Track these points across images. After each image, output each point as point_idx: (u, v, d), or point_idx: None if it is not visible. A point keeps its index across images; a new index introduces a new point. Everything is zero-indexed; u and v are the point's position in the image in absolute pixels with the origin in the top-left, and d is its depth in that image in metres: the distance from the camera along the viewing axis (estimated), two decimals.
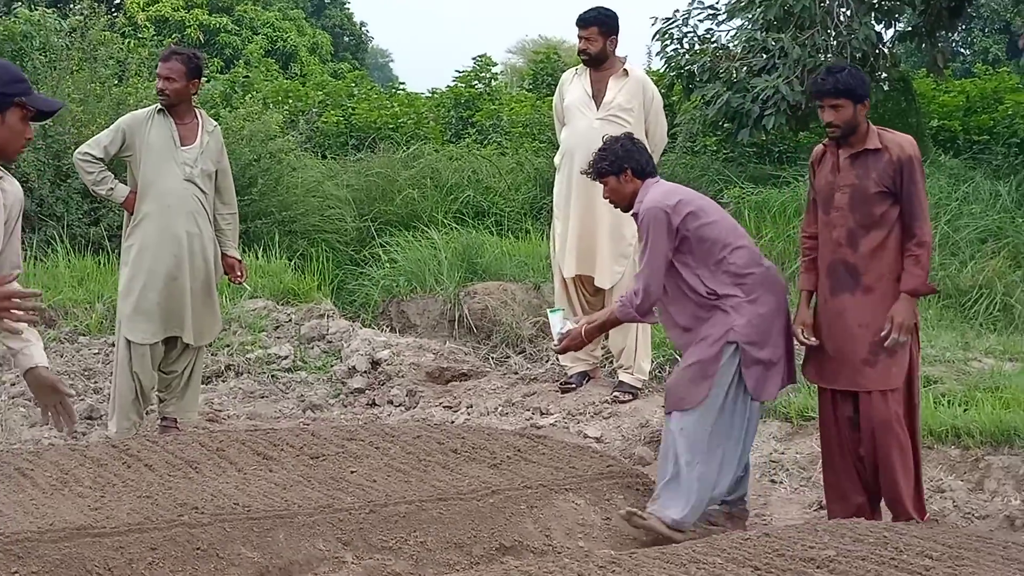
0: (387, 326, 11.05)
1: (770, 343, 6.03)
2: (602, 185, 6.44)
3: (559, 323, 6.49)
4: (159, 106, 7.60)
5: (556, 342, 6.54)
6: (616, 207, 6.55)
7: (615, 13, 8.60)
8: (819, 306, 6.22)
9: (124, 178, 7.76)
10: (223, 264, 7.91)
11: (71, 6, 15.32)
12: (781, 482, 7.31)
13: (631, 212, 6.29)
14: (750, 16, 14.26)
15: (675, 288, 6.11)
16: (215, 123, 7.94)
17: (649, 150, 8.57)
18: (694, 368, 6.02)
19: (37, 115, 4.12)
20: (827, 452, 6.30)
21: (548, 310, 6.63)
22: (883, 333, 5.90)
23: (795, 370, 6.28)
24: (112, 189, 7.58)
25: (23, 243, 4.12)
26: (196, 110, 7.73)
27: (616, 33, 8.59)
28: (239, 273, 8.02)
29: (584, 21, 8.57)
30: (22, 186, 11.12)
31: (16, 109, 4.01)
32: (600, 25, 8.52)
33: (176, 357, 7.78)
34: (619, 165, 6.24)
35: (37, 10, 14.15)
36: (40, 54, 13.08)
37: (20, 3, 16.78)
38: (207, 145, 7.65)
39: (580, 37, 8.61)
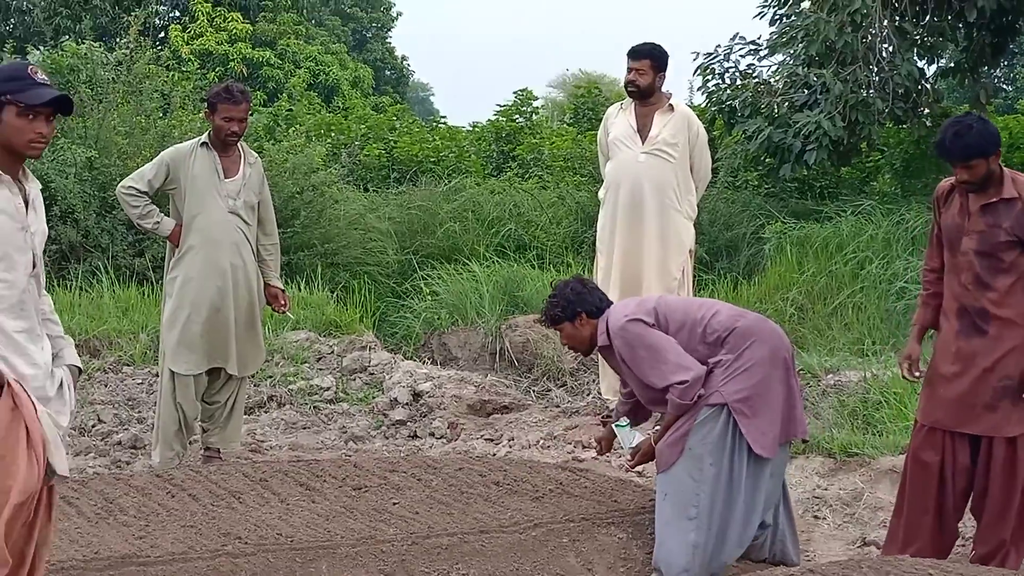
0: (428, 358, 11.08)
1: (765, 395, 5.80)
2: (558, 332, 6.30)
3: (628, 437, 6.37)
4: (203, 139, 7.64)
5: (629, 457, 6.39)
6: (576, 351, 6.47)
7: (666, 50, 8.61)
8: (942, 346, 6.04)
9: (167, 210, 7.79)
10: (267, 294, 7.95)
11: (117, 40, 15.47)
12: (824, 518, 7.25)
13: (601, 347, 6.10)
14: (792, 51, 14.27)
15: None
16: (256, 155, 7.99)
17: (694, 185, 8.66)
18: (673, 433, 5.86)
19: (57, 109, 4.18)
20: (916, 492, 6.12)
21: (615, 425, 6.52)
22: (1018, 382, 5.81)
23: (803, 419, 6.05)
24: (158, 223, 7.61)
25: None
26: (238, 142, 7.79)
27: (665, 69, 8.61)
28: (283, 302, 8.05)
29: (638, 53, 8.56)
30: (68, 217, 11.32)
31: (10, 106, 4.08)
32: (653, 59, 8.53)
33: (220, 388, 7.82)
34: (572, 310, 6.08)
35: (84, 43, 14.28)
36: (86, 87, 13.19)
37: (67, 37, 16.96)
38: (249, 177, 7.70)
39: (631, 68, 8.58)
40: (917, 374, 6.19)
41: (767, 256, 12.87)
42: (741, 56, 14.94)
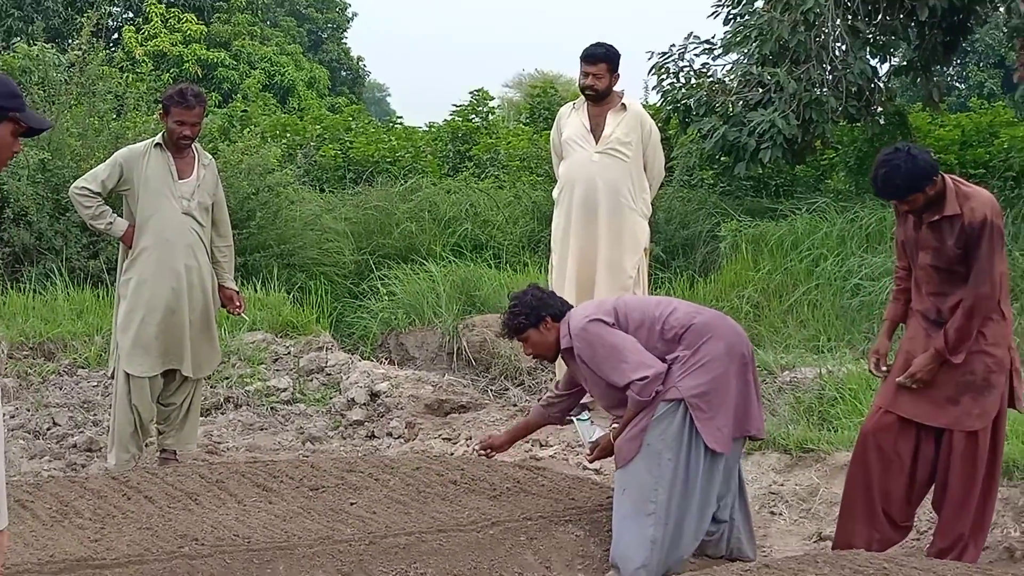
0: (386, 358, 11.06)
1: (721, 390, 5.86)
2: (521, 343, 6.29)
3: (588, 431, 6.39)
4: (156, 140, 7.59)
5: (588, 451, 6.39)
6: (542, 360, 6.55)
7: (618, 50, 8.62)
8: (910, 336, 6.11)
9: (120, 212, 7.75)
10: (221, 296, 7.93)
11: (70, 41, 15.37)
12: (780, 514, 7.30)
13: (563, 350, 6.10)
14: (746, 51, 14.34)
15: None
16: (210, 156, 7.95)
17: (648, 184, 8.68)
18: (631, 429, 5.89)
19: (27, 132, 4.17)
20: (864, 475, 6.18)
21: (576, 419, 6.52)
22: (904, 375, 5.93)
23: (759, 416, 6.10)
24: (111, 223, 7.57)
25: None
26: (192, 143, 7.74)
27: (618, 70, 8.62)
28: (238, 304, 8.04)
29: (594, 57, 8.53)
30: (21, 220, 11.22)
31: (9, 123, 4.06)
32: (609, 61, 8.52)
33: (175, 389, 7.78)
34: (536, 315, 6.10)
35: (36, 45, 14.20)
36: (39, 89, 13.10)
37: (19, 38, 16.85)
38: (204, 178, 7.67)
39: (587, 73, 8.55)
40: (884, 368, 6.24)
41: (723, 254, 12.92)
42: (695, 55, 15.01)
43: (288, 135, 18.30)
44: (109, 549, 5.51)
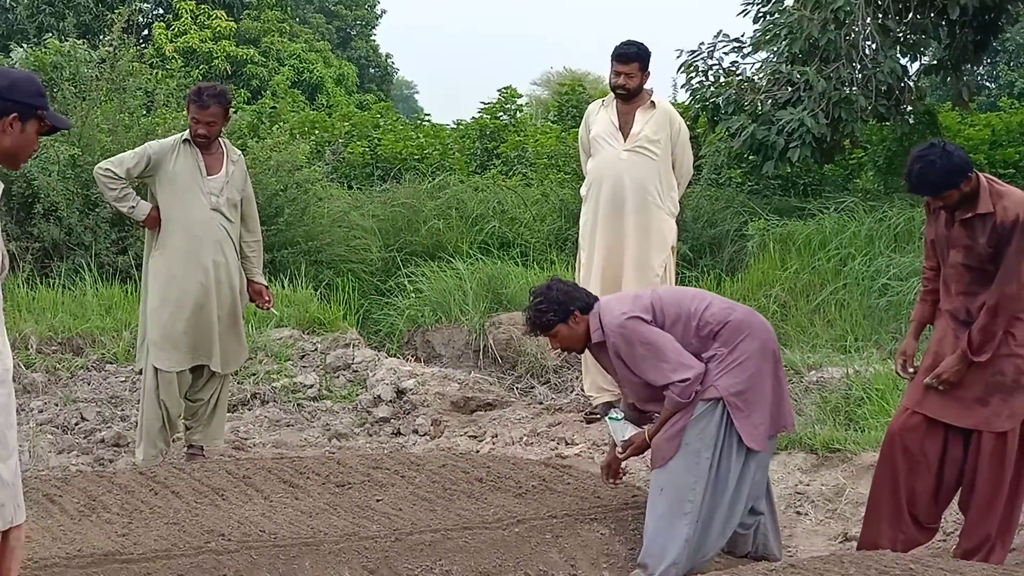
0: (412, 356, 11.09)
1: (757, 388, 5.87)
2: (549, 339, 6.17)
3: (621, 430, 6.29)
4: (185, 136, 7.63)
5: (620, 449, 6.26)
6: (569, 352, 6.45)
7: (649, 49, 8.57)
8: (939, 337, 6.08)
9: (144, 196, 7.78)
10: (250, 291, 7.95)
11: (100, 37, 15.43)
12: (806, 514, 7.28)
13: (594, 344, 6.02)
14: (775, 49, 14.29)
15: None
16: (239, 152, 7.97)
17: (676, 182, 8.66)
18: (669, 429, 5.87)
19: (49, 130, 4.23)
20: (890, 476, 6.16)
21: (608, 418, 6.44)
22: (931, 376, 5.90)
23: (790, 411, 6.14)
24: (134, 207, 7.59)
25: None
26: (220, 140, 7.76)
27: (649, 68, 8.58)
28: (267, 299, 8.06)
29: (626, 57, 8.45)
30: (51, 215, 11.30)
31: (35, 121, 4.11)
32: (641, 61, 8.47)
33: (203, 385, 7.81)
34: (565, 310, 5.96)
35: (67, 41, 14.25)
36: (70, 84, 13.16)
37: (51, 34, 16.92)
38: (232, 174, 7.69)
39: (619, 72, 8.47)
40: (911, 370, 6.22)
41: (750, 253, 12.89)
42: (725, 53, 14.97)
43: (316, 132, 18.35)
44: (136, 544, 5.54)
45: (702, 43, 14.99)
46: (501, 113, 20.44)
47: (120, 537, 5.63)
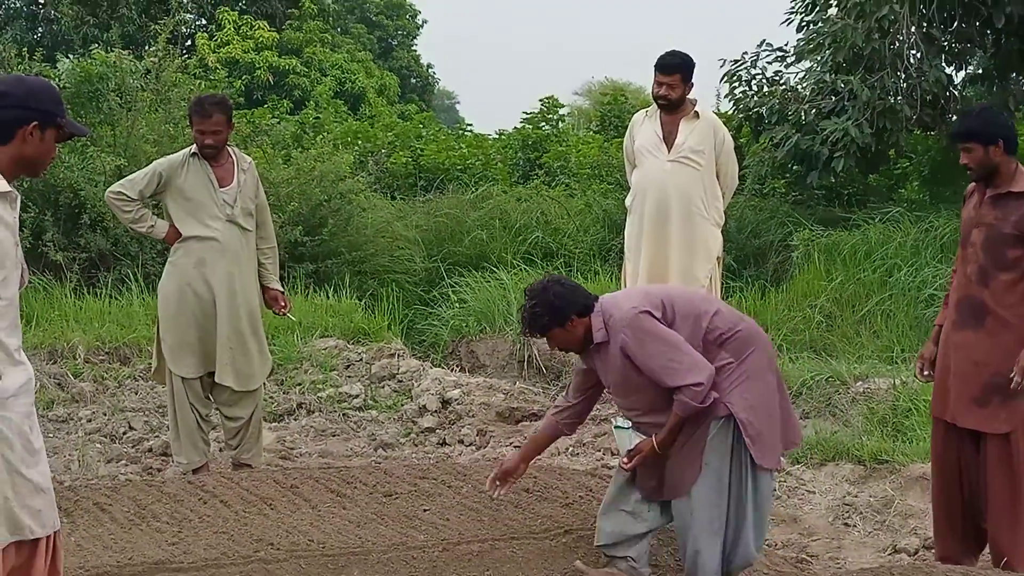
0: (457, 366, 11.11)
1: (768, 404, 5.61)
2: (547, 340, 5.85)
3: (627, 439, 6.12)
4: (193, 149, 7.55)
5: (625, 459, 5.93)
6: (568, 351, 6.01)
7: (693, 59, 8.53)
8: (941, 341, 6.16)
9: (158, 214, 7.80)
10: (267, 297, 7.90)
11: (145, 48, 15.55)
12: (855, 525, 7.25)
13: (595, 344, 5.66)
14: (819, 58, 14.26)
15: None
16: (249, 159, 7.89)
17: (721, 192, 8.64)
18: (683, 453, 5.61)
19: (66, 137, 4.27)
20: (934, 486, 6.26)
21: (615, 426, 6.25)
22: (1011, 375, 5.79)
23: (797, 428, 5.92)
24: (152, 227, 7.58)
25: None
26: (229, 149, 7.68)
27: (692, 78, 8.55)
28: (283, 304, 7.99)
29: (669, 67, 8.37)
30: (98, 226, 11.39)
31: (53, 129, 4.14)
32: (684, 72, 8.42)
33: (236, 403, 7.71)
34: (561, 315, 5.59)
35: (113, 52, 14.36)
36: (115, 95, 13.26)
37: (96, 45, 17.04)
38: (244, 183, 7.62)
39: (661, 83, 8.41)
40: (927, 373, 6.28)
41: (795, 264, 12.86)
42: (768, 63, 14.94)
43: (359, 142, 18.40)
44: (186, 552, 5.58)
45: (745, 52, 14.98)
46: (543, 123, 20.41)
47: (170, 546, 5.67)
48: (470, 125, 23.68)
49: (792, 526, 7.27)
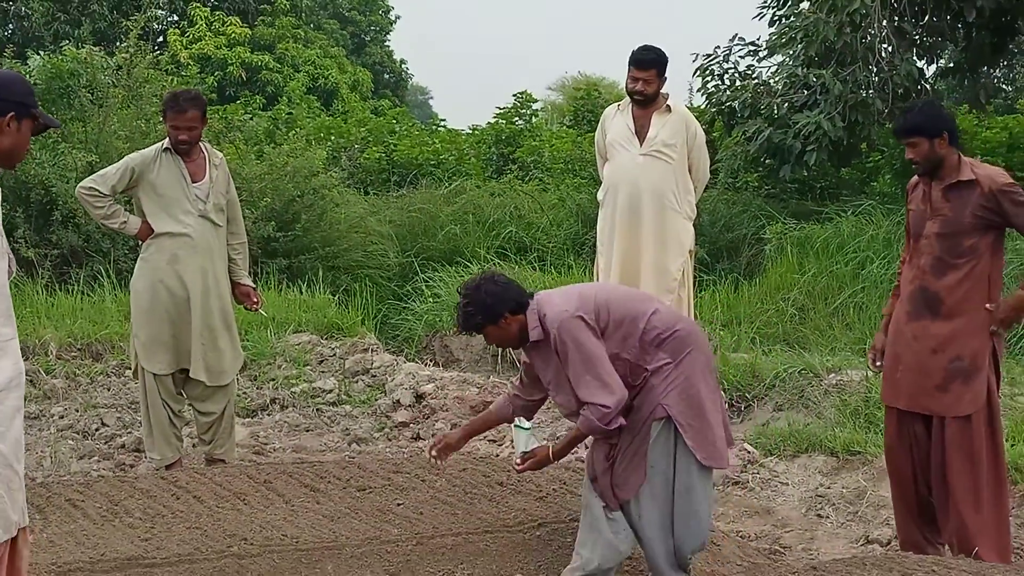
0: (431, 360, 11.10)
1: (705, 403, 5.45)
2: (483, 336, 5.74)
3: (524, 441, 5.85)
4: (165, 144, 7.51)
5: (519, 460, 5.85)
6: (504, 347, 6.04)
7: (666, 54, 8.54)
8: (893, 331, 6.25)
9: (130, 209, 7.76)
10: (238, 293, 7.87)
11: (116, 44, 15.50)
12: (827, 516, 7.28)
13: (531, 343, 5.60)
14: (791, 52, 14.31)
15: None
16: (220, 155, 7.86)
17: (693, 186, 8.64)
18: (627, 455, 5.49)
19: (40, 130, 4.28)
20: (892, 478, 6.34)
21: (515, 425, 6.07)
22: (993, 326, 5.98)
23: (731, 433, 5.75)
24: (125, 222, 7.53)
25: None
26: (200, 144, 7.64)
27: (666, 73, 8.55)
28: (255, 300, 7.96)
29: (645, 63, 8.35)
30: (70, 222, 11.35)
31: (29, 120, 4.16)
32: (659, 67, 8.43)
33: (208, 398, 7.69)
34: (493, 312, 5.49)
35: (84, 48, 14.31)
36: (87, 92, 13.21)
37: (67, 41, 16.98)
38: (216, 179, 7.60)
39: (637, 78, 8.39)
40: (879, 364, 6.36)
41: (768, 257, 12.90)
42: (740, 57, 14.99)
43: (332, 138, 18.39)
44: (159, 548, 5.56)
45: (717, 47, 15.04)
46: (516, 118, 20.43)
47: (143, 541, 5.66)
48: (443, 120, 23.69)
49: (765, 517, 7.30)
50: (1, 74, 4.27)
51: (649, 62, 8.40)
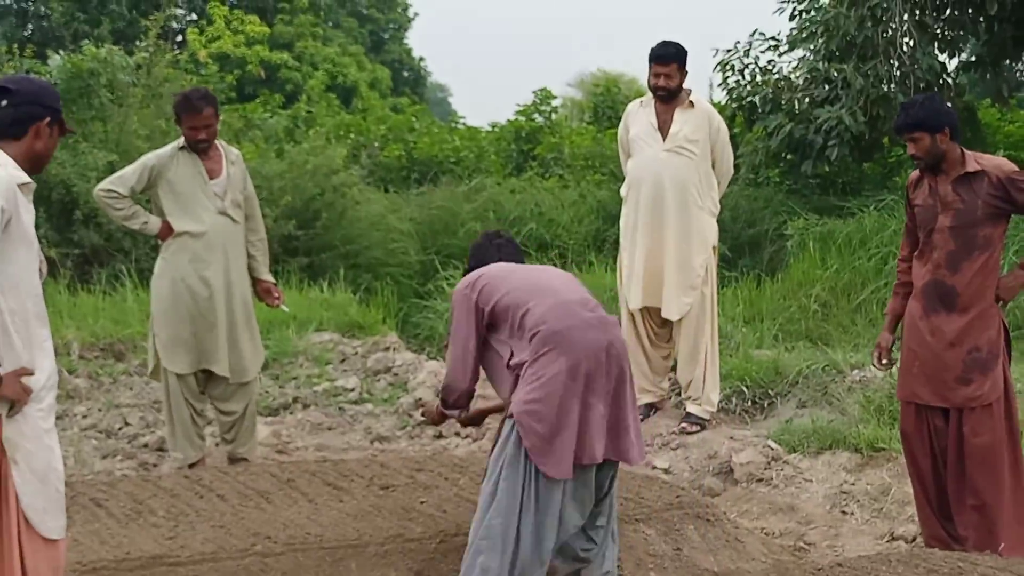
0: None
1: (556, 410, 4.94)
2: None
3: None
4: (181, 143, 7.54)
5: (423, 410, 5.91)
6: None
7: (686, 48, 8.53)
8: (908, 326, 6.23)
9: (148, 209, 7.76)
10: (259, 289, 7.89)
11: (135, 43, 15.52)
12: (852, 513, 7.25)
13: None
14: (812, 47, 14.26)
15: (499, 371, 5.36)
16: (236, 151, 7.89)
17: (716, 181, 8.61)
18: (493, 451, 5.25)
19: (62, 134, 4.37)
20: (911, 470, 6.33)
21: None
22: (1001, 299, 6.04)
23: (593, 446, 5.02)
24: (146, 223, 7.54)
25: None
26: (216, 142, 7.66)
27: (686, 67, 8.52)
28: (276, 296, 7.98)
29: (665, 58, 8.36)
30: (91, 221, 11.39)
31: (58, 125, 4.24)
32: (679, 61, 8.42)
33: (230, 396, 7.73)
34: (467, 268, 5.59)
35: (104, 47, 14.33)
36: (106, 91, 13.23)
37: (86, 40, 17.01)
38: (233, 175, 7.62)
39: (658, 73, 8.38)
40: (884, 362, 6.42)
41: (790, 252, 12.85)
42: (761, 52, 14.95)
43: (352, 136, 18.37)
44: (183, 547, 5.55)
45: (738, 42, 15.03)
46: (536, 115, 20.39)
47: (167, 540, 5.65)
48: (463, 118, 23.67)
49: (790, 514, 7.27)
50: (38, 82, 4.38)
51: (669, 56, 8.39)
